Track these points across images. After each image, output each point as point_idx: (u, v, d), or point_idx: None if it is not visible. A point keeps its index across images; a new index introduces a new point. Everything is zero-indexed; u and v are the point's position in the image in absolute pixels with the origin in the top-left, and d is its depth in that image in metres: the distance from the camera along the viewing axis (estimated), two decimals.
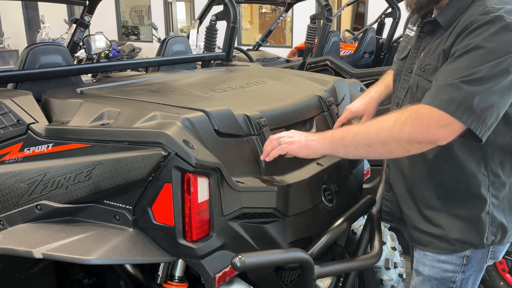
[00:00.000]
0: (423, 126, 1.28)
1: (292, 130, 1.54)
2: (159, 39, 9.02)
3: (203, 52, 3.18)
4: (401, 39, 1.81)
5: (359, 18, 11.63)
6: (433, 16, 1.51)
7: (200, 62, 3.02)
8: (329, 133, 1.44)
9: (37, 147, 1.49)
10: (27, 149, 1.51)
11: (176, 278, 1.50)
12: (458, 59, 1.30)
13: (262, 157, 1.51)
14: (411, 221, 1.62)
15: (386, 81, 1.86)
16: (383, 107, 1.71)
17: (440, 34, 1.44)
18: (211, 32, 3.13)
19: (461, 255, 1.53)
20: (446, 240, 1.53)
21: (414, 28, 1.63)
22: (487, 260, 1.57)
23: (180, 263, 1.50)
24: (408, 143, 1.31)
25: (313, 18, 4.23)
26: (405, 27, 1.80)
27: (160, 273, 1.50)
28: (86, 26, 3.39)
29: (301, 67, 4.03)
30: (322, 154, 1.47)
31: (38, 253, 1.32)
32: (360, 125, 1.42)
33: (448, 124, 1.27)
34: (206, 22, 3.33)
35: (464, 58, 1.28)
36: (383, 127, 1.33)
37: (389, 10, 5.09)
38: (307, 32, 4.28)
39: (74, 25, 3.46)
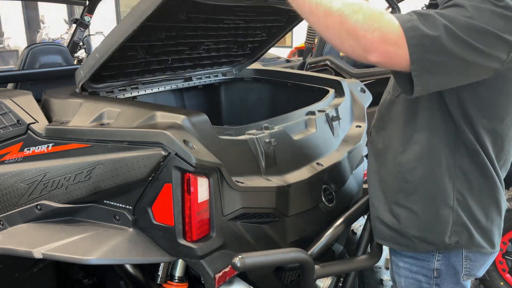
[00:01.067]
0: (374, 24, 1.10)
1: None
2: None
3: None
4: None
5: None
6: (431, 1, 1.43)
7: None
8: None
9: (37, 147, 1.49)
10: (27, 149, 1.51)
11: (176, 278, 1.50)
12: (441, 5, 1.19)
13: None
14: (376, 213, 1.54)
15: None
16: (375, 109, 1.70)
17: None
18: None
19: (430, 267, 1.46)
20: (405, 236, 1.45)
21: None
22: (461, 276, 1.46)
23: (180, 263, 1.50)
24: (347, 32, 1.13)
25: None
26: None
27: (160, 273, 1.50)
28: (86, 26, 3.39)
29: (301, 67, 4.03)
30: None
31: (38, 253, 1.32)
32: None
33: (394, 44, 1.10)
34: None
35: (440, 10, 1.17)
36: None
37: (389, 10, 5.09)
38: (307, 32, 4.27)
39: (74, 25, 3.46)
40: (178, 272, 1.50)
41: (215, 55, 2.22)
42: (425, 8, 1.55)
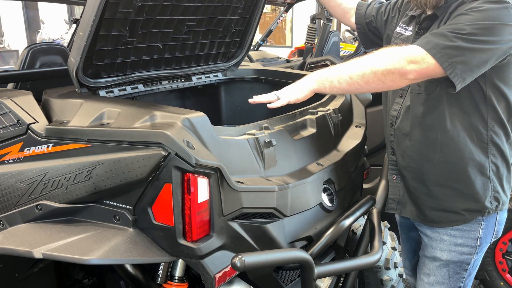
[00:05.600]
0: (401, 56, 1.45)
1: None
2: None
3: None
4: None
5: None
6: (428, 12, 1.70)
7: None
8: (317, 71, 1.62)
9: (37, 147, 1.49)
10: (27, 149, 1.51)
11: (176, 278, 1.50)
12: (449, 22, 1.51)
13: (251, 100, 1.66)
14: (422, 201, 1.77)
15: None
16: (374, 109, 1.76)
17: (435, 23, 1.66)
18: None
19: (475, 236, 1.71)
20: (455, 212, 1.70)
21: (410, 28, 1.79)
22: (491, 240, 1.76)
23: (180, 263, 1.50)
24: (383, 74, 1.46)
25: (313, 18, 4.23)
26: (389, 10, 2.00)
27: (160, 273, 1.50)
28: None
29: (301, 67, 4.03)
30: (312, 92, 1.63)
31: (38, 253, 1.32)
32: (349, 62, 1.56)
33: (420, 61, 1.44)
34: None
35: (452, 21, 1.49)
36: (370, 60, 1.49)
37: None
38: (307, 32, 4.28)
39: (74, 25, 3.46)
40: (178, 272, 1.50)
41: (204, 42, 2.20)
42: (405, 29, 1.83)
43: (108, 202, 1.40)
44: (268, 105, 1.63)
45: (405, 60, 1.45)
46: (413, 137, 1.72)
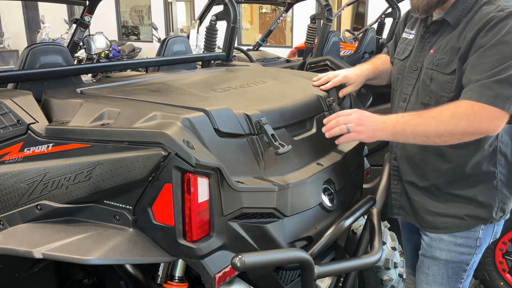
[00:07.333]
0: (477, 121, 1.45)
1: (357, 113, 1.64)
2: (159, 39, 9.03)
3: (203, 52, 3.18)
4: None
5: (359, 18, 11.63)
6: (434, 18, 1.69)
7: (200, 62, 3.02)
8: (392, 124, 1.58)
9: (37, 147, 1.49)
10: (27, 149, 1.51)
11: (176, 278, 1.50)
12: (486, 53, 1.47)
13: (325, 131, 1.67)
14: (423, 206, 1.76)
15: (375, 63, 2.03)
16: (380, 108, 1.75)
17: (448, 31, 1.63)
18: (211, 32, 3.13)
19: (475, 236, 1.71)
20: (458, 217, 1.69)
21: (413, 32, 1.79)
22: (490, 240, 1.76)
23: (180, 263, 1.50)
24: (462, 135, 1.49)
25: (313, 18, 4.23)
26: (398, 29, 1.97)
27: (160, 273, 1.50)
28: (86, 26, 3.39)
29: (301, 67, 4.03)
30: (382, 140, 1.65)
31: (38, 253, 1.32)
32: (418, 117, 1.54)
33: (500, 117, 1.45)
34: (206, 22, 3.32)
35: (491, 52, 1.46)
36: (440, 122, 1.49)
37: (389, 10, 5.09)
38: (307, 32, 4.27)
39: (74, 25, 3.46)
40: (178, 272, 1.50)
41: None
42: (409, 33, 1.80)
43: (108, 202, 1.40)
44: (336, 141, 1.68)
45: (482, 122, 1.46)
46: (421, 145, 1.70)
